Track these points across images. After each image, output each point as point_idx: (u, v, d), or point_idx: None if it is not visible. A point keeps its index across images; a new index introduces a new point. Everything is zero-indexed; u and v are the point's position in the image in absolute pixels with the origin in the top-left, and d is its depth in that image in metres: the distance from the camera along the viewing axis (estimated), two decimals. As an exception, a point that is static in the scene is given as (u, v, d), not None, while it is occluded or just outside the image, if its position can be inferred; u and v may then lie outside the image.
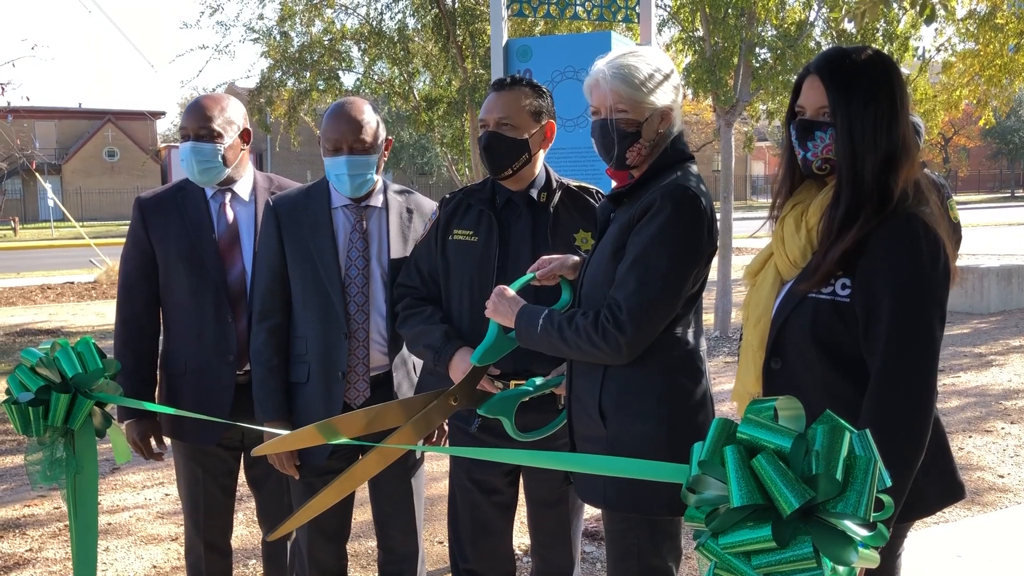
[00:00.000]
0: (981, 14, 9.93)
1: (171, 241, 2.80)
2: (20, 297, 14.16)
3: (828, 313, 1.85)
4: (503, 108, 2.46)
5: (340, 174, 2.62)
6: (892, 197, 1.83)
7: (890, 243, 1.79)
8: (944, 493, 1.93)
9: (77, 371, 2.44)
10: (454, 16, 9.61)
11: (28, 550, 4.26)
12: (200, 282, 2.77)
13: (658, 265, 2.05)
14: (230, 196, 2.86)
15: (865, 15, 4.16)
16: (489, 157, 2.47)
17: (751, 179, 55.17)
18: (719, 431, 1.34)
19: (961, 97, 11.34)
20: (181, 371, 2.84)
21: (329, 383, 2.65)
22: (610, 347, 2.05)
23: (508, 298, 2.25)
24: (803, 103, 1.94)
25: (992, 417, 6.30)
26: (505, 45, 3.96)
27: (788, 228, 1.96)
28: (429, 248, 2.59)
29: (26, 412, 2.42)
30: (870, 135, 1.84)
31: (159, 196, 2.89)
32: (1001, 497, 4.70)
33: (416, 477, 2.83)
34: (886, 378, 1.77)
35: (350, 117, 2.61)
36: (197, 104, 2.79)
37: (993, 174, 56.79)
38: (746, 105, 9.69)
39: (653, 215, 2.07)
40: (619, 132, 2.15)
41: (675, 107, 2.20)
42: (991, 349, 8.74)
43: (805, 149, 1.92)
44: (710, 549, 1.33)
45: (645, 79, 2.14)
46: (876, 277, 1.79)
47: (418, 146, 37.39)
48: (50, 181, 37.00)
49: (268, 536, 2.18)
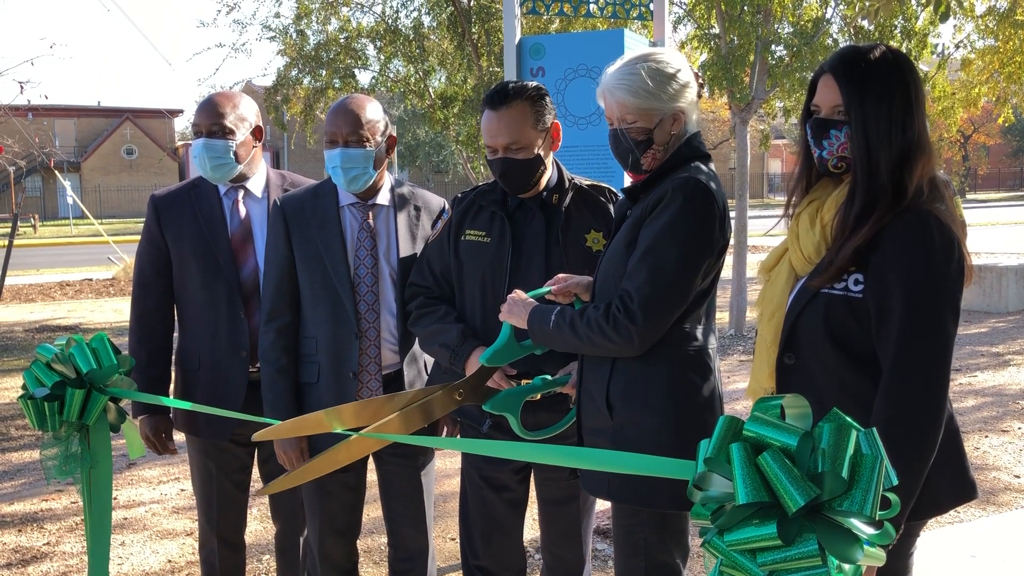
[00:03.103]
0: (1001, 11, 9.85)
1: (185, 238, 2.82)
2: (39, 294, 14.29)
3: (841, 308, 1.85)
4: (508, 132, 2.42)
5: (334, 167, 2.62)
6: (907, 193, 1.83)
7: (903, 238, 1.79)
8: (957, 492, 1.92)
9: (92, 367, 2.47)
10: (469, 14, 9.62)
11: (45, 544, 4.30)
12: (213, 279, 2.79)
13: (669, 256, 2.05)
14: (243, 193, 2.88)
15: (879, 12, 4.13)
16: (507, 182, 2.48)
17: (768, 177, 54.90)
18: (725, 428, 1.34)
19: (980, 94, 11.27)
20: (195, 367, 2.87)
21: (340, 383, 2.65)
22: (622, 337, 2.05)
23: (522, 301, 2.27)
24: (818, 102, 1.94)
25: (1009, 417, 6.26)
26: (518, 43, 3.96)
27: (803, 224, 1.97)
28: (442, 247, 2.60)
29: (41, 407, 2.45)
30: (884, 132, 1.84)
31: (173, 193, 2.91)
32: (1017, 497, 4.66)
33: (426, 474, 2.84)
34: (899, 373, 1.77)
35: (348, 111, 2.62)
36: (209, 101, 2.81)
37: (1013, 172, 56.31)
38: (762, 103, 9.65)
39: (664, 207, 2.08)
40: (631, 141, 2.17)
41: (687, 107, 2.20)
42: (1009, 348, 8.67)
43: (820, 148, 1.93)
44: (716, 546, 1.33)
45: (650, 87, 2.14)
46: (888, 272, 1.79)
47: (434, 144, 37.46)
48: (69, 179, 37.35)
49: (259, 492, 2.18)
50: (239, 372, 2.81)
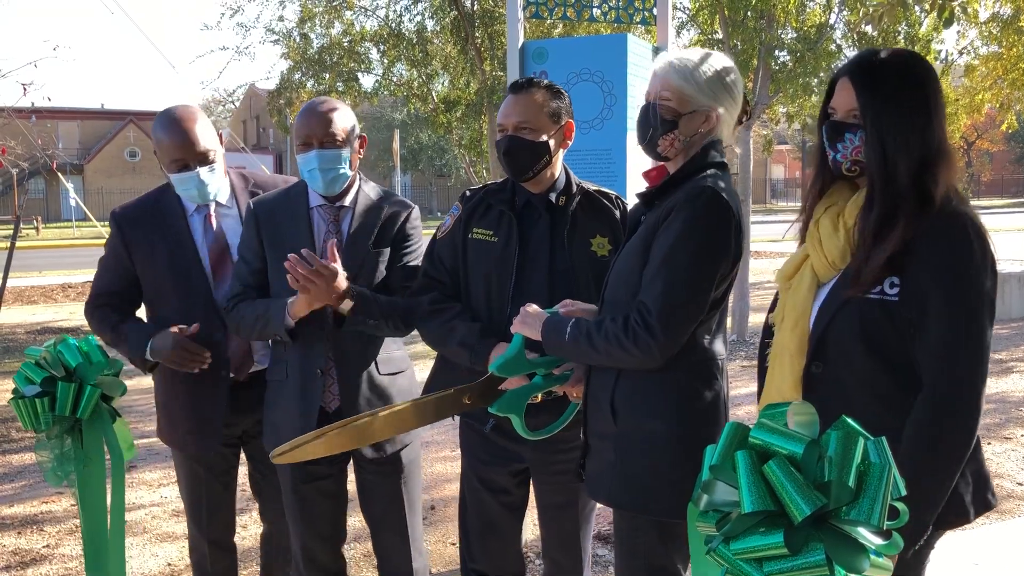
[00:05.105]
0: (1004, 17, 9.84)
1: (155, 260, 2.76)
2: (41, 296, 14.29)
3: (877, 314, 1.83)
4: (521, 111, 2.45)
5: (312, 169, 2.60)
6: (933, 199, 1.82)
7: (940, 244, 1.78)
8: (982, 500, 1.92)
9: (80, 362, 2.47)
10: (473, 18, 9.63)
11: (45, 546, 4.29)
12: (188, 301, 2.75)
13: (685, 267, 2.03)
14: (214, 206, 2.82)
15: (883, 18, 4.12)
16: (509, 161, 2.47)
17: (771, 183, 54.89)
18: (731, 435, 1.33)
19: (984, 101, 11.26)
20: (173, 388, 2.82)
21: (307, 381, 2.64)
22: (641, 351, 2.03)
23: (534, 313, 2.25)
24: (835, 104, 1.94)
25: (1011, 424, 6.24)
26: (521, 47, 3.95)
27: (825, 229, 1.96)
28: (454, 243, 2.59)
29: (33, 406, 2.45)
30: (902, 138, 1.83)
31: (136, 211, 2.85)
32: (1020, 505, 4.64)
33: (406, 484, 2.79)
34: (941, 375, 1.76)
35: (320, 113, 2.61)
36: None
37: (1017, 178, 56.23)
38: (765, 108, 9.64)
39: (678, 217, 2.05)
40: (658, 118, 2.16)
41: (723, 115, 2.18)
42: (1012, 355, 8.65)
43: (835, 150, 1.93)
44: (721, 554, 1.32)
45: (698, 76, 2.14)
46: (927, 279, 1.78)
47: (436, 148, 37.48)
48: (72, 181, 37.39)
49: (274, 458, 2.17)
50: (221, 391, 2.78)
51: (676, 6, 9.60)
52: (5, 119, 11.68)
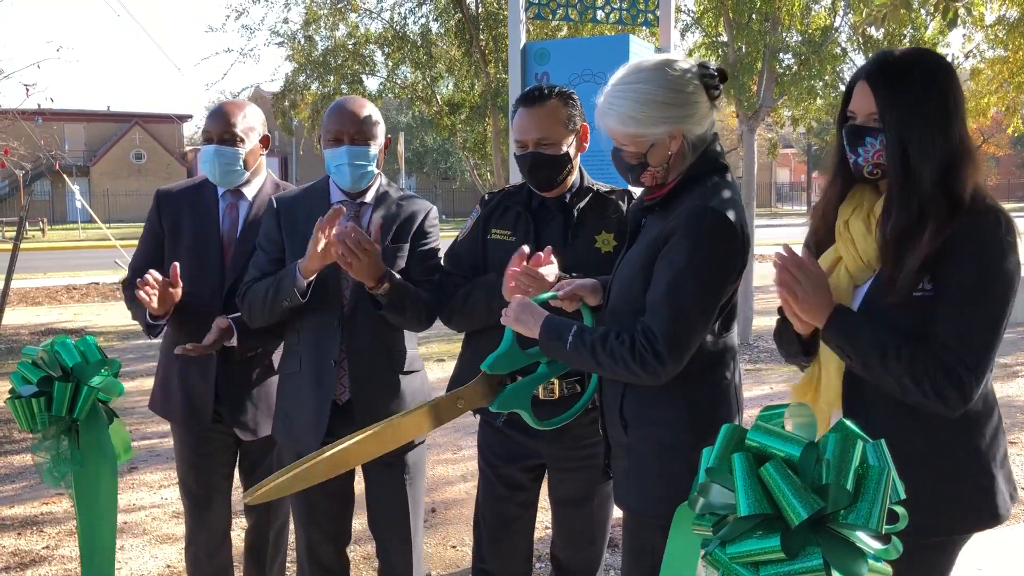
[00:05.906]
0: (1011, 20, 9.81)
1: (179, 232, 2.89)
2: (46, 297, 14.32)
3: (917, 310, 1.82)
4: (539, 127, 2.48)
5: (341, 164, 2.64)
6: (962, 201, 1.81)
7: (970, 242, 1.78)
8: (1008, 499, 1.95)
9: (77, 361, 2.47)
10: (477, 20, 9.62)
11: (45, 547, 4.28)
12: (200, 279, 2.82)
13: (691, 294, 2.00)
14: (239, 197, 2.92)
15: (887, 19, 4.10)
16: (534, 178, 2.52)
17: (776, 186, 54.81)
18: (727, 438, 1.32)
19: (990, 104, 11.23)
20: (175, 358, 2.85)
21: (321, 372, 2.64)
22: (649, 375, 2.01)
23: (531, 309, 2.20)
24: (854, 108, 1.92)
25: (1017, 429, 6.20)
26: (523, 48, 3.95)
27: (857, 231, 1.94)
28: (474, 244, 2.64)
29: (29, 406, 2.44)
30: (925, 141, 1.82)
31: (177, 190, 3.00)
32: (1025, 510, 4.61)
33: (411, 485, 2.78)
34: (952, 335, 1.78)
35: (351, 110, 2.68)
36: (220, 109, 2.88)
37: (1023, 183, 56.08)
38: (770, 111, 9.62)
39: (682, 242, 2.01)
40: (625, 164, 2.13)
41: (689, 126, 2.07)
42: (1017, 360, 8.61)
43: (856, 154, 1.91)
44: (717, 558, 1.30)
45: (637, 115, 2.04)
46: (957, 272, 1.78)
47: (441, 151, 37.53)
48: (78, 183, 37.48)
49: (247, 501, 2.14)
50: (209, 368, 2.83)
51: (681, 8, 9.60)
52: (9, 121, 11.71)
